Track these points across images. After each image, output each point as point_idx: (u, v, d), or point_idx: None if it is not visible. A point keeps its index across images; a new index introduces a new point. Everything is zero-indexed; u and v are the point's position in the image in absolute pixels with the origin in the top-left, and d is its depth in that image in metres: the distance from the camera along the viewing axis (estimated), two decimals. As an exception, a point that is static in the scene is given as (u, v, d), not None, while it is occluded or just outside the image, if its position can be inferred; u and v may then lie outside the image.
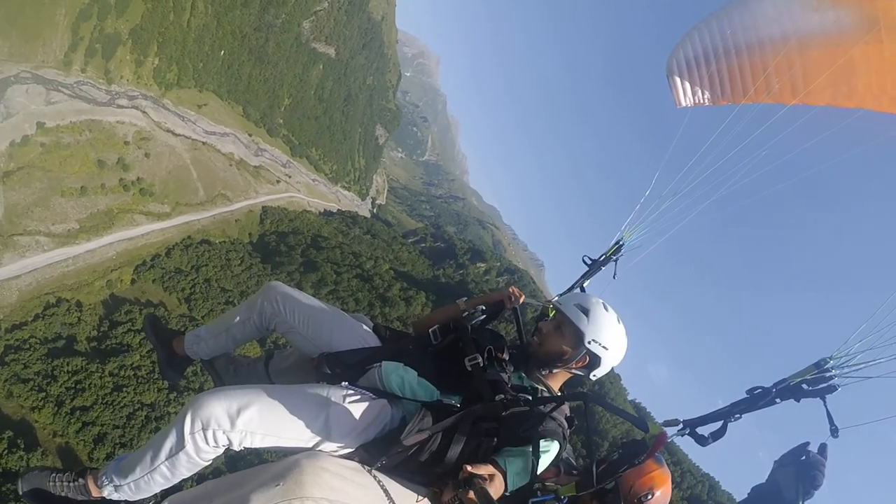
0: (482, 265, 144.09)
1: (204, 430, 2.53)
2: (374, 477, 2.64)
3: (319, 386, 2.93)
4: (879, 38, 3.79)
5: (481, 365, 3.18)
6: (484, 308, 3.71)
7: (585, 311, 3.37)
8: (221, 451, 2.64)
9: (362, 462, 2.71)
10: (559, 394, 3.46)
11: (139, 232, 75.95)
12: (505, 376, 3.25)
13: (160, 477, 2.71)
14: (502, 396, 3.00)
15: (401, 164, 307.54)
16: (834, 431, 2.74)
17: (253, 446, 2.62)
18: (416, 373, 3.18)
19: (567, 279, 4.10)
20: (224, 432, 2.53)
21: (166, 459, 2.64)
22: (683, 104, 4.87)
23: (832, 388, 2.77)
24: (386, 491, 2.61)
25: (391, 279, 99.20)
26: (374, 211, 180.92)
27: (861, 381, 2.74)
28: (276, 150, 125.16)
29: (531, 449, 2.85)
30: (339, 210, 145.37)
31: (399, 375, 3.15)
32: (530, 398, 3.18)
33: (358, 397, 2.87)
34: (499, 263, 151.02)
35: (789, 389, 2.80)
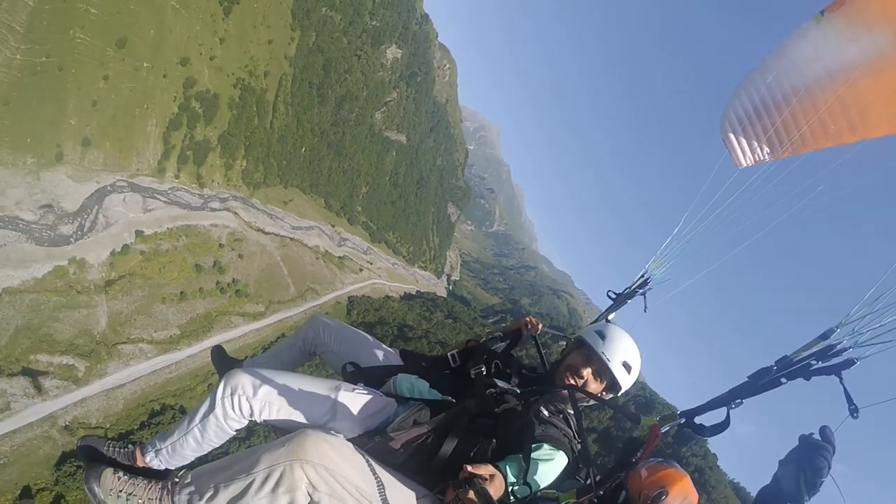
0: (563, 343, 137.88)
1: (232, 395, 2.81)
2: (370, 464, 2.71)
3: (335, 379, 3.18)
4: None
5: (484, 373, 3.43)
6: (502, 336, 3.88)
7: (629, 369, 3.45)
8: (246, 421, 2.87)
9: (363, 447, 2.81)
10: (570, 412, 3.39)
11: (237, 333, 75.25)
12: (506, 384, 3.40)
13: (192, 440, 2.95)
14: (493, 390, 3.27)
15: (471, 236, 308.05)
16: (853, 411, 2.42)
17: (270, 418, 2.83)
18: (428, 384, 3.36)
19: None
20: (247, 399, 2.80)
21: (199, 422, 2.90)
22: (744, 164, 4.55)
23: (849, 363, 2.45)
24: (379, 481, 2.68)
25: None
26: (450, 288, 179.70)
27: (884, 349, 2.42)
28: (356, 237, 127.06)
29: (527, 449, 2.89)
30: (418, 292, 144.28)
31: (410, 382, 3.35)
32: (518, 391, 3.39)
33: (366, 391, 3.05)
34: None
35: (796, 367, 2.56)
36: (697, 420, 2.71)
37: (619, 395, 3.53)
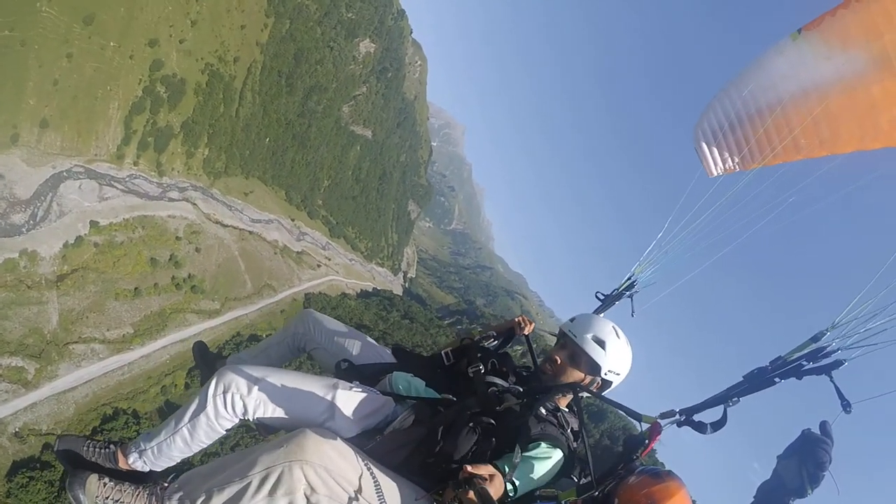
0: (518, 348, 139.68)
1: (224, 393, 2.71)
2: (368, 465, 2.68)
3: (331, 377, 3.06)
4: (894, 72, 3.75)
5: (482, 371, 3.36)
6: (495, 334, 3.94)
7: (602, 343, 3.39)
8: (237, 421, 2.79)
9: (361, 448, 2.78)
10: (566, 409, 3.37)
11: (191, 332, 72.29)
12: (503, 382, 3.34)
13: (181, 440, 2.83)
14: (495, 389, 3.20)
15: (429, 233, 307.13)
16: (846, 406, 2.53)
17: (265, 416, 2.75)
18: (424, 383, 3.37)
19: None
20: (241, 397, 2.71)
21: (188, 422, 2.79)
22: (715, 173, 4.77)
23: (838, 364, 2.61)
24: (377, 482, 2.65)
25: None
26: (407, 286, 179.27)
27: (869, 352, 2.58)
28: (316, 232, 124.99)
29: (526, 447, 2.89)
30: (374, 289, 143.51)
31: (406, 380, 3.37)
32: (521, 389, 3.31)
33: (362, 389, 3.00)
34: (535, 345, 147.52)
35: (789, 368, 2.69)
36: (696, 418, 2.74)
37: (604, 375, 3.39)
